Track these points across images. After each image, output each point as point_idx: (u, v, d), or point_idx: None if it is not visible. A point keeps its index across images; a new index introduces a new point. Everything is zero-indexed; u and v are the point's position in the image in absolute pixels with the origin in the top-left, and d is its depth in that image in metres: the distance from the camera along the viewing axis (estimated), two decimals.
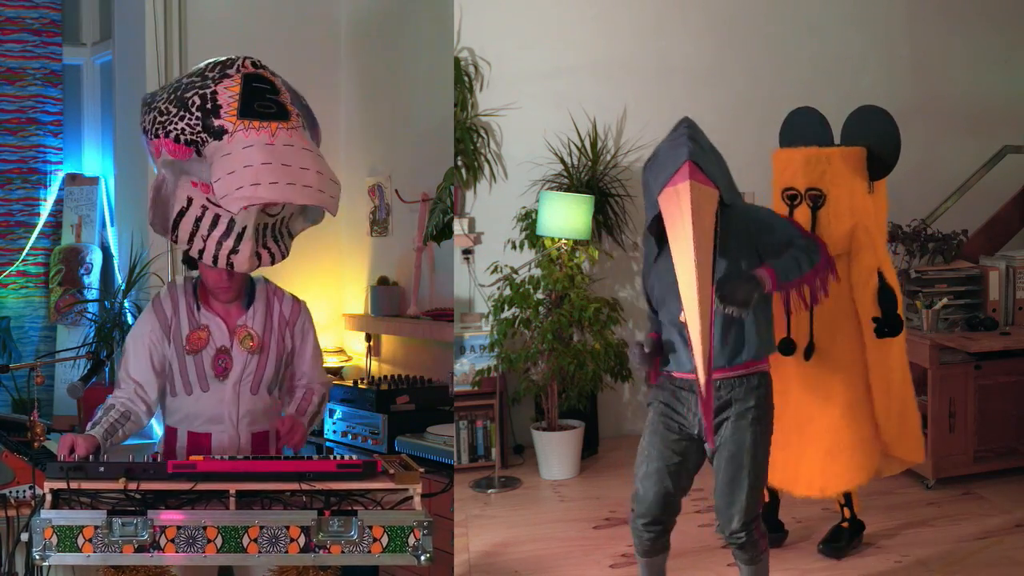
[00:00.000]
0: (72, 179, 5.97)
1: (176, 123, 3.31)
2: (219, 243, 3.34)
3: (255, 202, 3.23)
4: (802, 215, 4.28)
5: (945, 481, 5.28)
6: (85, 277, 5.76)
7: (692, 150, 3.26)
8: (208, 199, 3.35)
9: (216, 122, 3.28)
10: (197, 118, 3.29)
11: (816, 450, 4.30)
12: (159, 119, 3.36)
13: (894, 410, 4.35)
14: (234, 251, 3.34)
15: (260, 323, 3.56)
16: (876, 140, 4.42)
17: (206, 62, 3.47)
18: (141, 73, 5.43)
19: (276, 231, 3.48)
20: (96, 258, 5.81)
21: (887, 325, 4.26)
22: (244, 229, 3.33)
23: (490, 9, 6.00)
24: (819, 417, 4.33)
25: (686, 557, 4.39)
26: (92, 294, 5.72)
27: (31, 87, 5.86)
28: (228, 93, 3.32)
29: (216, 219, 3.34)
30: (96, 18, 6.06)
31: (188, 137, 3.30)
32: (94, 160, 6.06)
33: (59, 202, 5.94)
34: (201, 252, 3.38)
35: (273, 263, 3.48)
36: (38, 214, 5.90)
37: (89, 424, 3.43)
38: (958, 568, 4.36)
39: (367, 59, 5.82)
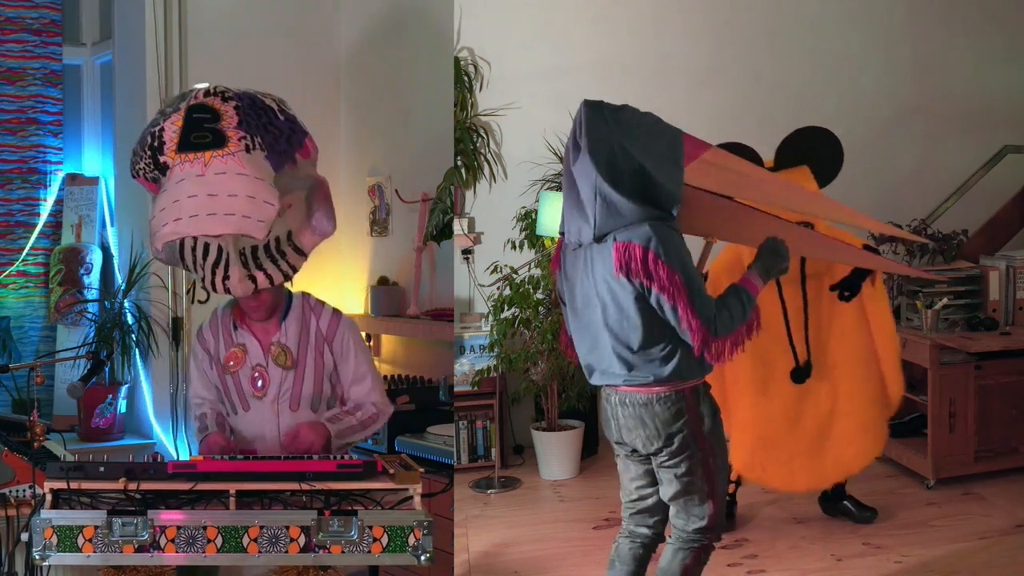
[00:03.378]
0: (72, 179, 5.97)
1: (139, 162, 3.46)
2: (212, 270, 3.38)
3: (173, 238, 3.33)
4: None
5: (945, 481, 5.28)
6: (85, 277, 5.76)
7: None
8: None
9: (161, 159, 3.40)
10: (149, 156, 3.42)
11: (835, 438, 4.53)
12: (132, 159, 3.49)
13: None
14: (226, 277, 3.38)
15: (294, 339, 3.56)
16: (815, 156, 4.52)
17: (177, 94, 3.56)
18: (141, 73, 5.43)
19: (273, 251, 3.45)
20: (96, 258, 5.81)
21: (847, 283, 4.47)
22: (228, 256, 3.36)
23: (490, 9, 6.00)
24: (814, 415, 4.50)
25: None
26: (92, 294, 5.72)
27: (31, 87, 5.86)
28: (172, 128, 3.42)
29: (206, 248, 3.37)
30: (96, 18, 6.06)
31: (149, 175, 3.44)
32: (94, 160, 6.06)
33: (59, 202, 5.94)
34: (203, 280, 3.44)
35: (272, 284, 3.46)
36: (38, 214, 5.90)
37: (198, 430, 3.58)
38: (958, 568, 4.36)
39: (367, 59, 5.82)
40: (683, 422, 3.22)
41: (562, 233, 3.42)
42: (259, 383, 3.55)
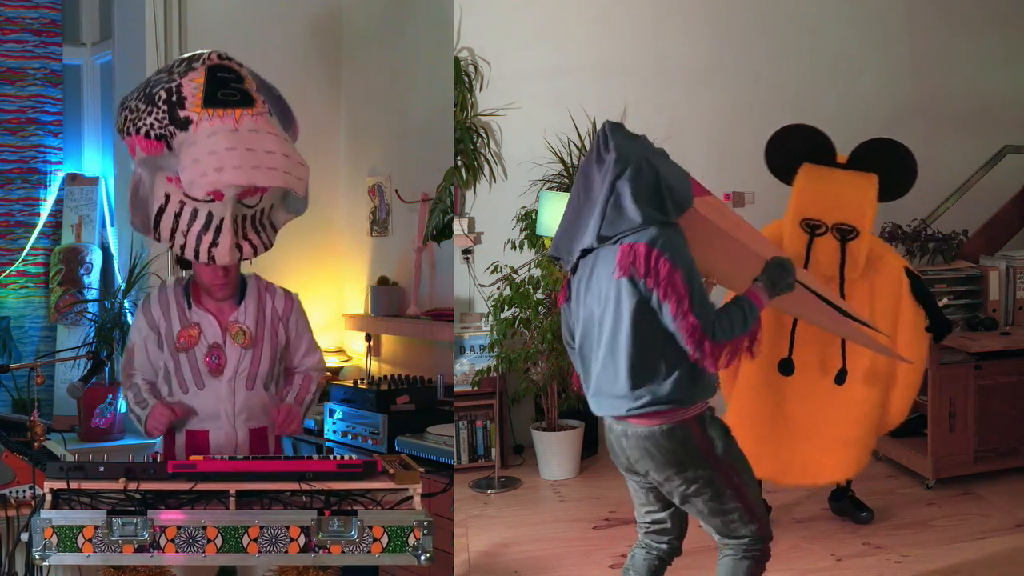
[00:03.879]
0: (72, 179, 5.97)
1: (145, 119, 3.38)
2: (199, 237, 3.39)
3: (219, 186, 3.29)
4: (829, 245, 4.41)
5: (945, 481, 5.28)
6: (85, 277, 5.76)
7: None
8: (185, 194, 3.39)
9: (182, 113, 3.34)
10: (164, 111, 3.35)
11: (815, 443, 4.46)
12: (129, 117, 3.43)
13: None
14: (214, 244, 3.39)
15: (252, 318, 3.59)
16: (892, 172, 4.47)
17: (175, 59, 3.53)
18: (141, 73, 5.41)
19: (257, 223, 3.49)
20: (96, 258, 5.81)
21: (941, 328, 4.51)
22: (222, 221, 3.36)
23: (490, 9, 6.00)
24: (823, 412, 4.48)
25: (685, 557, 4.38)
26: (92, 294, 5.72)
27: (31, 87, 5.85)
28: (192, 84, 3.38)
29: (195, 213, 3.37)
30: (96, 18, 6.06)
31: (157, 132, 3.37)
32: (94, 160, 6.06)
33: (59, 202, 5.93)
34: (183, 248, 3.42)
35: (256, 255, 3.51)
36: (38, 214, 5.90)
37: (132, 399, 3.61)
38: (958, 568, 4.36)
39: (367, 59, 5.82)
40: (694, 451, 3.11)
41: (558, 259, 3.40)
42: (216, 362, 3.55)
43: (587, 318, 3.23)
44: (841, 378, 4.47)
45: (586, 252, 3.23)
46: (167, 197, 3.42)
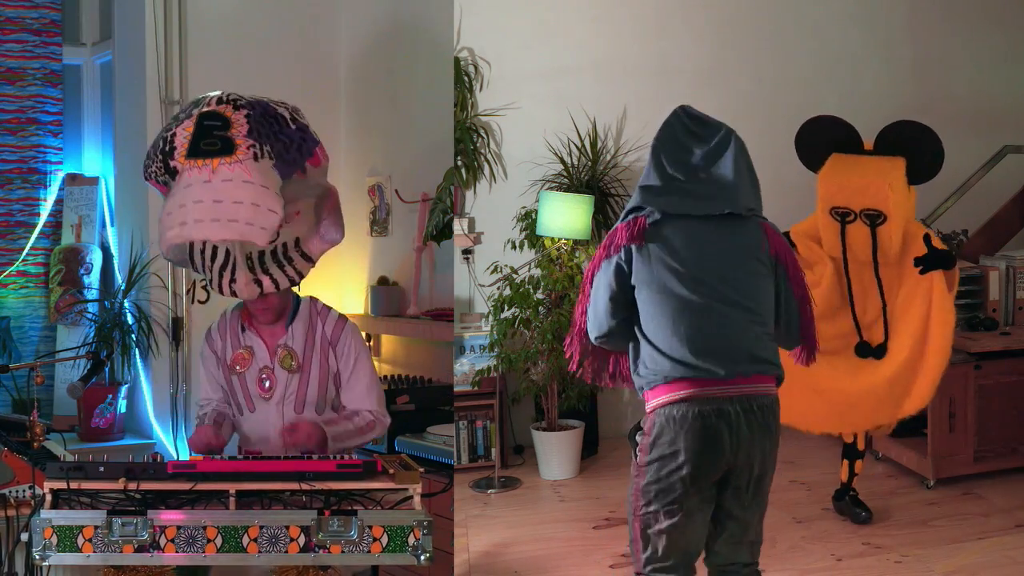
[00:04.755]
0: (72, 179, 5.97)
1: (151, 166, 3.52)
2: (220, 273, 3.44)
3: (178, 241, 3.40)
4: (859, 231, 4.49)
5: (945, 481, 5.28)
6: (85, 277, 5.76)
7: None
8: None
9: (172, 163, 3.45)
10: (160, 161, 3.48)
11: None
12: (145, 162, 3.55)
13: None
14: (232, 280, 3.43)
15: (300, 342, 3.61)
16: (918, 153, 4.53)
17: (195, 98, 3.62)
18: (141, 73, 5.43)
19: (280, 256, 3.50)
20: (96, 258, 5.81)
21: (931, 258, 4.48)
22: (235, 259, 3.41)
23: (490, 9, 6.00)
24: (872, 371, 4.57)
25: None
26: (92, 294, 5.72)
27: (31, 87, 5.85)
28: (183, 134, 3.47)
29: (215, 251, 3.43)
30: (96, 18, 6.06)
31: (160, 178, 3.50)
32: (94, 160, 6.06)
33: (59, 202, 5.93)
34: (209, 282, 3.50)
35: (278, 288, 3.50)
36: (38, 214, 5.90)
37: (197, 420, 3.66)
38: (958, 568, 4.36)
39: (367, 59, 5.82)
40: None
41: (634, 211, 3.12)
42: (266, 384, 3.60)
43: (721, 270, 3.02)
44: (881, 352, 4.58)
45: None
46: None
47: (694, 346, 2.94)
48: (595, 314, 3.11)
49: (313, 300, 3.71)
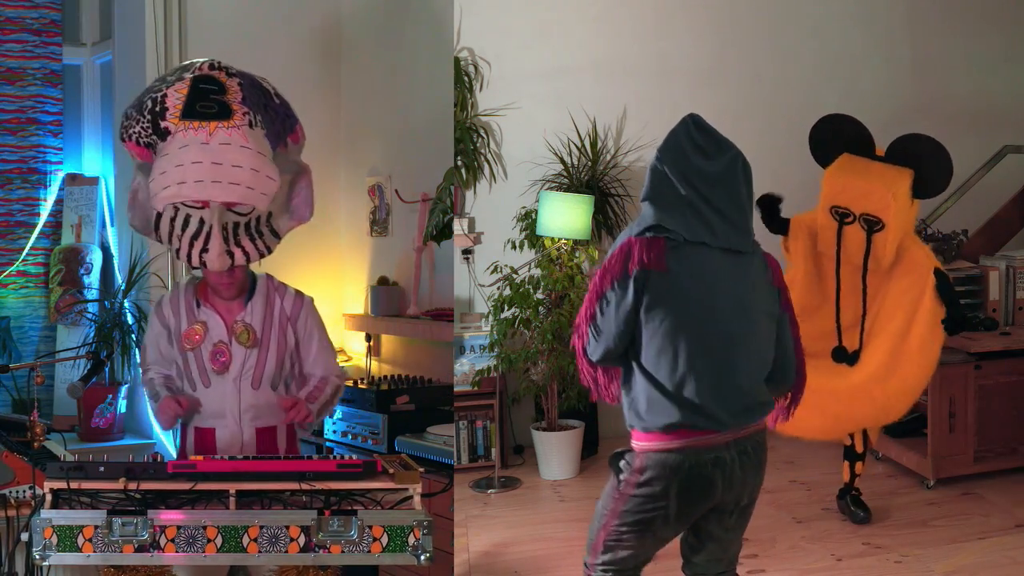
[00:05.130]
0: (72, 179, 5.97)
1: (134, 126, 3.50)
2: (191, 243, 3.44)
3: (176, 200, 3.38)
4: (856, 234, 4.50)
5: (945, 481, 5.28)
6: (85, 277, 5.76)
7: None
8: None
9: (162, 124, 3.44)
10: (148, 121, 3.46)
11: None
12: (124, 123, 3.55)
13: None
14: (204, 250, 3.43)
15: (259, 318, 3.61)
16: (927, 169, 4.52)
17: (176, 65, 3.57)
18: (141, 73, 5.43)
19: (252, 229, 3.50)
20: (96, 258, 5.81)
21: (955, 322, 4.52)
22: (211, 228, 3.39)
23: (490, 9, 6.00)
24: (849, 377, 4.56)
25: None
26: (92, 294, 5.72)
27: (31, 87, 5.85)
28: (176, 95, 3.47)
29: (187, 219, 3.43)
30: (96, 18, 6.06)
31: (144, 140, 3.49)
32: (94, 160, 6.06)
33: (59, 202, 5.93)
34: (178, 251, 3.49)
35: (249, 261, 3.53)
36: (38, 214, 5.90)
37: (148, 394, 3.68)
38: (958, 568, 4.36)
39: (367, 59, 5.82)
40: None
41: (653, 230, 2.88)
42: (220, 359, 3.58)
43: (736, 305, 2.86)
44: (854, 359, 4.60)
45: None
46: (172, 202, 3.47)
47: (705, 390, 2.78)
48: (605, 335, 2.86)
49: (269, 277, 3.72)
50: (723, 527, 3.00)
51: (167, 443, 5.46)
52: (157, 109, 3.44)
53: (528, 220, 5.78)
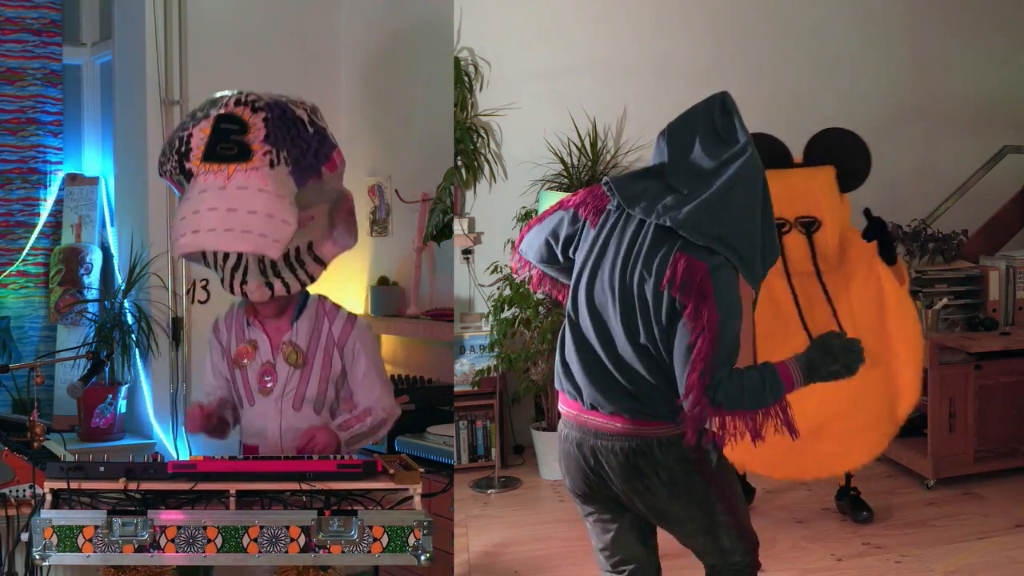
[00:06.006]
0: (72, 179, 5.97)
1: (166, 164, 3.47)
2: (232, 274, 3.45)
3: (191, 249, 3.37)
4: (796, 241, 4.43)
5: (945, 481, 5.28)
6: (85, 277, 5.76)
7: None
8: None
9: (187, 165, 3.40)
10: (175, 161, 3.43)
11: (826, 437, 4.39)
12: (161, 158, 3.51)
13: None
14: (244, 283, 3.45)
15: (305, 338, 3.59)
16: (846, 159, 4.45)
17: (209, 98, 3.54)
18: (141, 73, 5.43)
19: (292, 260, 3.49)
20: (96, 258, 5.81)
21: (886, 248, 4.48)
22: (247, 261, 3.42)
23: (490, 9, 6.00)
24: (831, 405, 4.42)
25: (683, 557, 4.38)
26: (92, 294, 5.72)
27: (31, 87, 5.85)
28: (200, 135, 3.41)
29: (227, 253, 3.42)
30: (96, 18, 6.06)
31: (174, 177, 3.46)
32: (94, 160, 6.06)
33: (59, 202, 5.93)
34: (222, 281, 3.50)
35: (289, 292, 3.49)
36: (38, 214, 5.90)
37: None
38: (958, 568, 4.36)
39: (367, 59, 5.82)
40: (689, 464, 2.78)
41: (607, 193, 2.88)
42: (266, 380, 3.59)
43: (604, 282, 2.80)
44: None
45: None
46: None
47: (567, 356, 2.91)
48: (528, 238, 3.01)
49: (322, 299, 3.69)
50: (672, 532, 2.95)
51: (167, 443, 5.46)
52: (183, 149, 3.41)
53: (528, 220, 5.77)
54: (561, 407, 2.94)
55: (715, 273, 2.63)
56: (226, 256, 3.43)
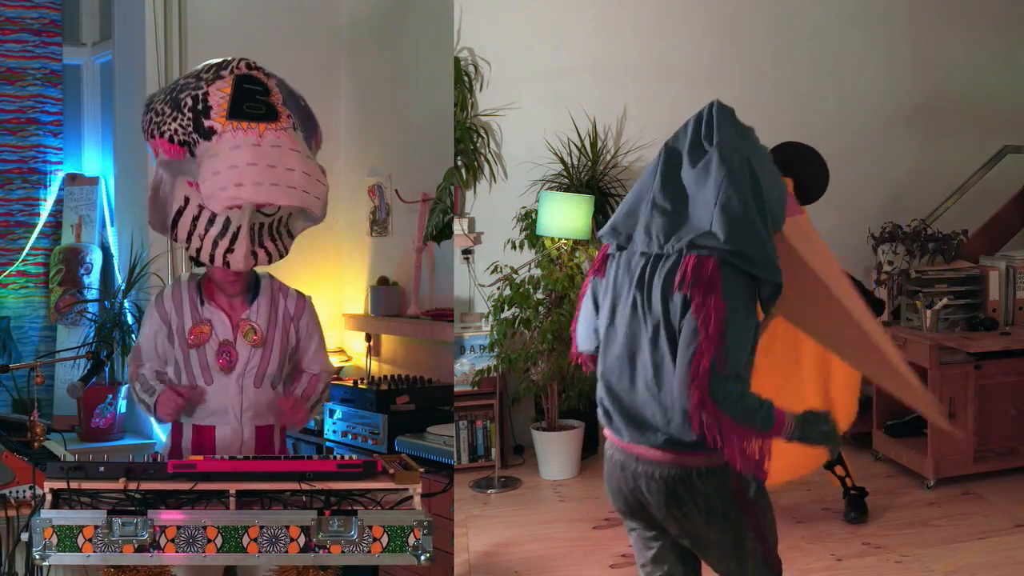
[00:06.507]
0: (72, 179, 5.97)
1: (170, 124, 3.40)
2: (215, 242, 3.41)
3: (237, 202, 3.30)
4: None
5: (945, 481, 5.28)
6: (85, 277, 5.76)
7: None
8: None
9: (206, 123, 3.35)
10: (189, 119, 3.37)
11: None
12: (155, 119, 3.44)
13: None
14: (229, 250, 3.41)
15: (264, 317, 3.61)
16: (804, 172, 4.42)
17: (203, 64, 3.51)
18: (141, 73, 5.43)
19: (274, 230, 3.51)
20: (96, 258, 5.81)
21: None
22: (239, 229, 3.39)
23: (490, 9, 6.00)
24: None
25: None
26: (92, 294, 5.72)
27: (31, 87, 5.85)
28: (219, 94, 3.39)
29: (212, 218, 3.40)
30: (96, 18, 6.06)
31: (181, 138, 3.38)
32: (94, 160, 6.06)
33: (59, 202, 5.93)
34: (199, 251, 3.45)
35: (270, 262, 3.52)
36: (38, 214, 5.90)
37: (139, 388, 3.61)
38: (958, 568, 4.36)
39: (367, 59, 5.82)
40: (730, 494, 2.74)
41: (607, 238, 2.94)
42: (226, 358, 3.57)
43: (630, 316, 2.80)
44: None
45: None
46: (186, 200, 3.46)
47: (604, 388, 2.90)
48: None
49: (271, 277, 3.71)
50: (686, 544, 2.93)
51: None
52: (199, 107, 3.36)
53: (528, 220, 5.78)
54: (605, 432, 2.93)
55: (724, 268, 2.63)
56: (210, 223, 3.40)
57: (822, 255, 2.95)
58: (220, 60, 3.50)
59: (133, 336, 5.44)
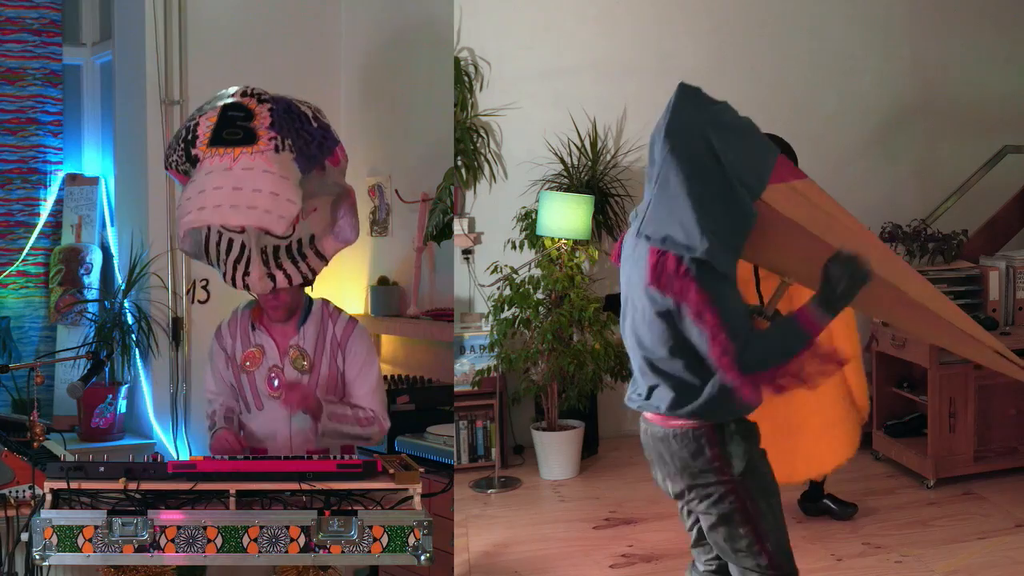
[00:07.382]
0: (72, 179, 5.97)
1: (172, 155, 3.53)
2: (234, 266, 3.51)
3: (196, 224, 3.39)
4: None
5: (945, 481, 5.28)
6: (85, 277, 5.75)
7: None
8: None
9: (193, 152, 3.47)
10: (182, 149, 3.49)
11: (807, 434, 4.35)
12: (167, 151, 3.58)
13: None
14: (246, 273, 3.50)
15: (311, 342, 3.64)
16: None
17: (218, 92, 3.62)
18: (141, 73, 5.43)
19: (294, 252, 3.54)
20: (96, 258, 5.81)
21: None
22: (251, 252, 3.46)
23: (490, 9, 6.00)
24: (804, 403, 4.40)
25: (685, 557, 4.38)
26: (92, 294, 5.72)
27: (31, 87, 5.85)
28: (206, 123, 3.49)
29: (230, 243, 3.50)
30: (96, 18, 6.06)
31: (181, 167, 3.51)
32: (94, 160, 6.06)
33: (59, 202, 5.93)
34: (224, 275, 3.55)
35: (291, 284, 3.55)
36: (38, 214, 5.90)
37: (209, 427, 3.65)
38: (958, 568, 4.36)
39: (367, 59, 5.82)
40: (704, 461, 2.79)
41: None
42: (275, 383, 3.60)
43: (628, 290, 2.93)
44: None
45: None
46: (208, 227, 3.54)
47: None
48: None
49: (325, 302, 3.74)
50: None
51: (167, 443, 5.46)
52: (189, 137, 3.48)
53: (528, 220, 5.78)
54: None
55: (685, 261, 2.68)
56: (228, 248, 3.47)
57: (834, 219, 2.87)
58: (227, 90, 3.59)
59: (133, 336, 5.45)
